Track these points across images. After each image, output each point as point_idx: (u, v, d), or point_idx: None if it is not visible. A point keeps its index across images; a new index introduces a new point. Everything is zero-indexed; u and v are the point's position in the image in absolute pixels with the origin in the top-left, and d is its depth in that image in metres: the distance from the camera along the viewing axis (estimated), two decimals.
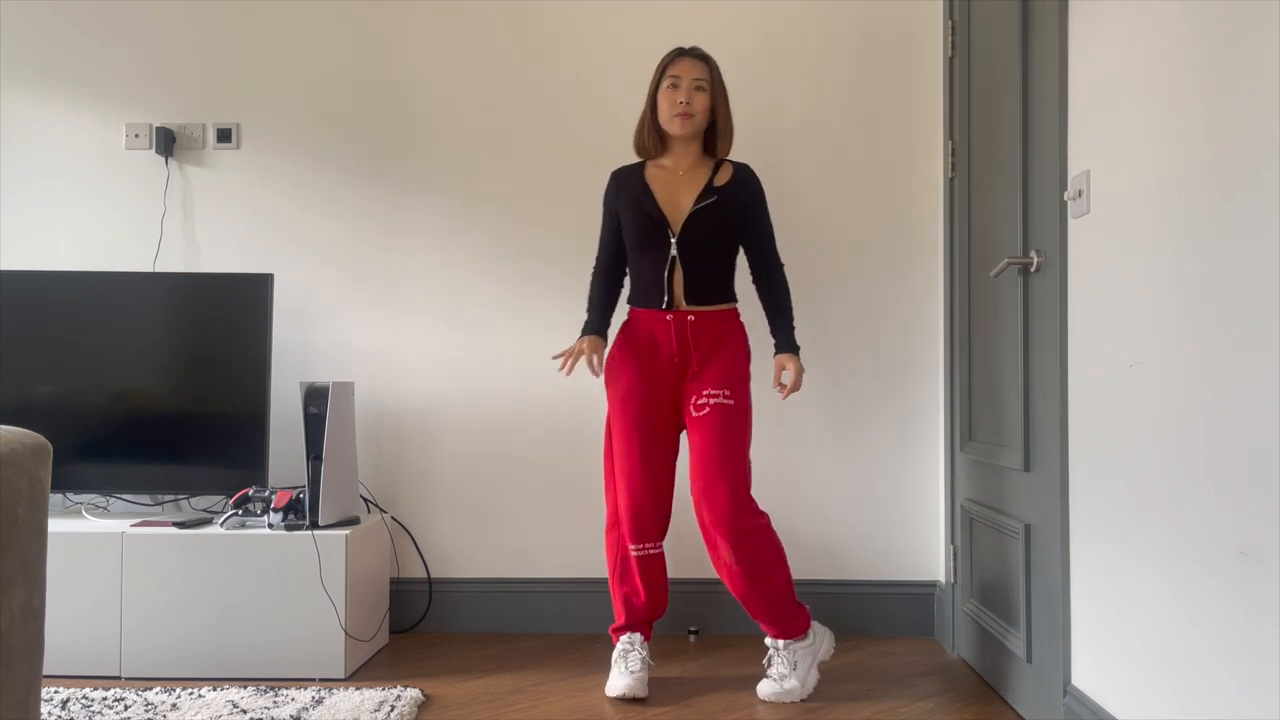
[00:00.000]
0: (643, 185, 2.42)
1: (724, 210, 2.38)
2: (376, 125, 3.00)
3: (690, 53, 2.42)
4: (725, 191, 2.39)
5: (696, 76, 2.38)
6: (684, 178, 2.42)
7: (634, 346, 2.39)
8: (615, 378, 2.41)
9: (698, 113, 2.38)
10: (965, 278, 2.62)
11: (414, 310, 2.98)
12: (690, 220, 2.35)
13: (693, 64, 2.39)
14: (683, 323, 2.35)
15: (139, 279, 2.77)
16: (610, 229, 2.49)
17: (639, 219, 2.38)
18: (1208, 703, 1.43)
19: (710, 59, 2.42)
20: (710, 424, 2.30)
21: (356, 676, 2.49)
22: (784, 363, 2.40)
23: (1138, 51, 1.65)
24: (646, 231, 2.37)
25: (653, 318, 2.38)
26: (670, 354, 2.36)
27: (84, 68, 3.01)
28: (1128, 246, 1.68)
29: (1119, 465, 1.71)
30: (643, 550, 2.37)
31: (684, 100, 2.36)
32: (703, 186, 2.39)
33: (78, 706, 2.19)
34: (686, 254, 2.35)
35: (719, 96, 2.41)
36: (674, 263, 2.35)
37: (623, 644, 2.38)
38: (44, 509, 1.22)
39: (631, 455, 2.35)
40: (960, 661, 2.61)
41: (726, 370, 2.35)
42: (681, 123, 2.37)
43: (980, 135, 2.49)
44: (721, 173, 2.42)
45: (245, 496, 2.57)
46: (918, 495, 2.90)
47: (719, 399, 2.31)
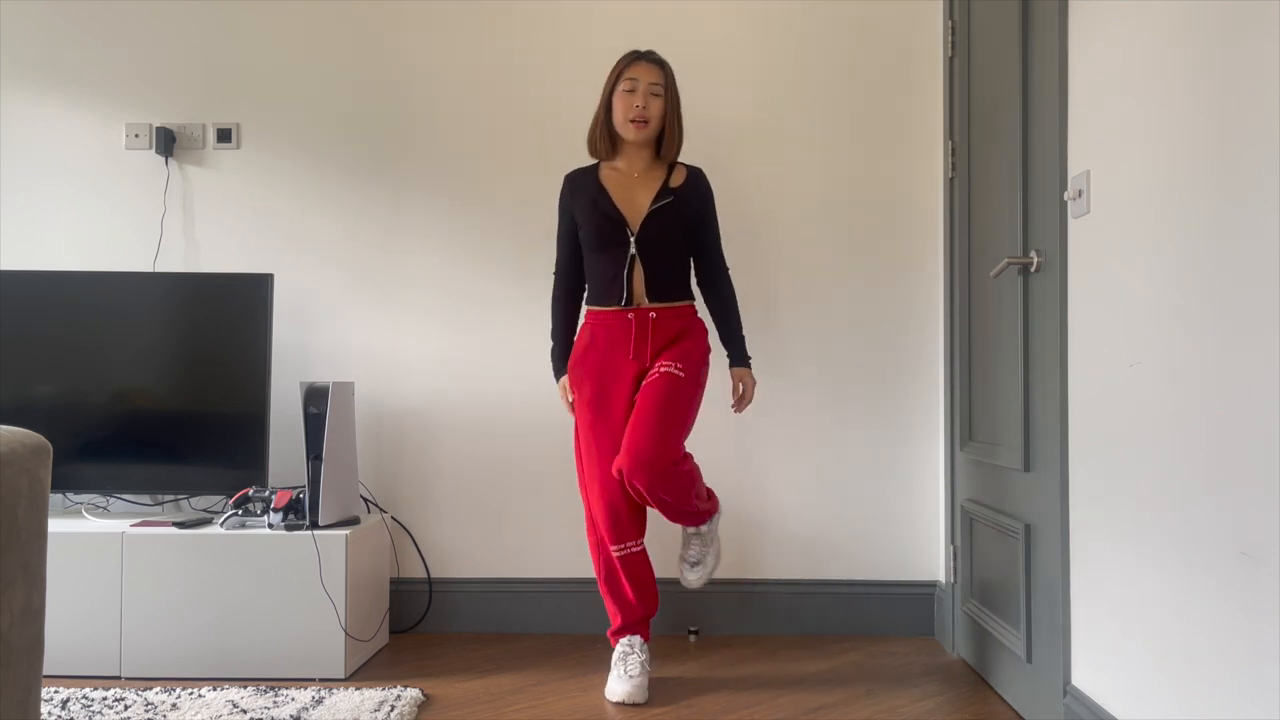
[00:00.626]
0: (598, 186, 2.42)
1: (680, 211, 2.40)
2: (376, 125, 3.00)
3: (647, 56, 2.42)
4: (680, 193, 2.41)
5: (653, 81, 2.38)
6: (639, 180, 2.43)
7: (595, 349, 2.40)
8: (579, 383, 2.41)
9: (653, 119, 2.38)
10: (965, 278, 2.62)
11: (414, 310, 2.98)
12: (648, 219, 2.37)
13: (649, 68, 2.39)
14: (644, 319, 2.37)
15: (139, 279, 2.77)
16: (566, 232, 2.49)
17: (596, 219, 2.39)
18: (1208, 703, 1.43)
19: (666, 64, 2.43)
20: (653, 388, 2.31)
21: (356, 676, 2.49)
22: (740, 376, 2.47)
23: (1138, 51, 1.65)
24: (605, 231, 2.38)
25: (612, 317, 2.39)
26: (630, 350, 2.37)
27: (84, 68, 3.01)
28: (1128, 246, 1.68)
29: (1119, 465, 1.71)
30: (624, 550, 2.37)
31: (640, 105, 2.36)
32: (659, 187, 2.40)
33: (78, 706, 2.19)
34: (645, 252, 2.36)
35: (672, 102, 2.42)
36: (633, 261, 2.36)
37: (622, 647, 2.38)
38: (44, 509, 1.22)
39: (603, 455, 2.35)
40: (960, 661, 2.61)
41: (684, 351, 2.37)
42: (637, 129, 2.38)
43: (980, 135, 2.49)
44: (675, 174, 2.44)
45: (245, 496, 2.57)
46: (918, 495, 2.90)
47: (669, 369, 2.33)
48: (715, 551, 2.54)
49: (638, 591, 2.39)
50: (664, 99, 2.39)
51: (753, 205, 2.93)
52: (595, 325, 2.42)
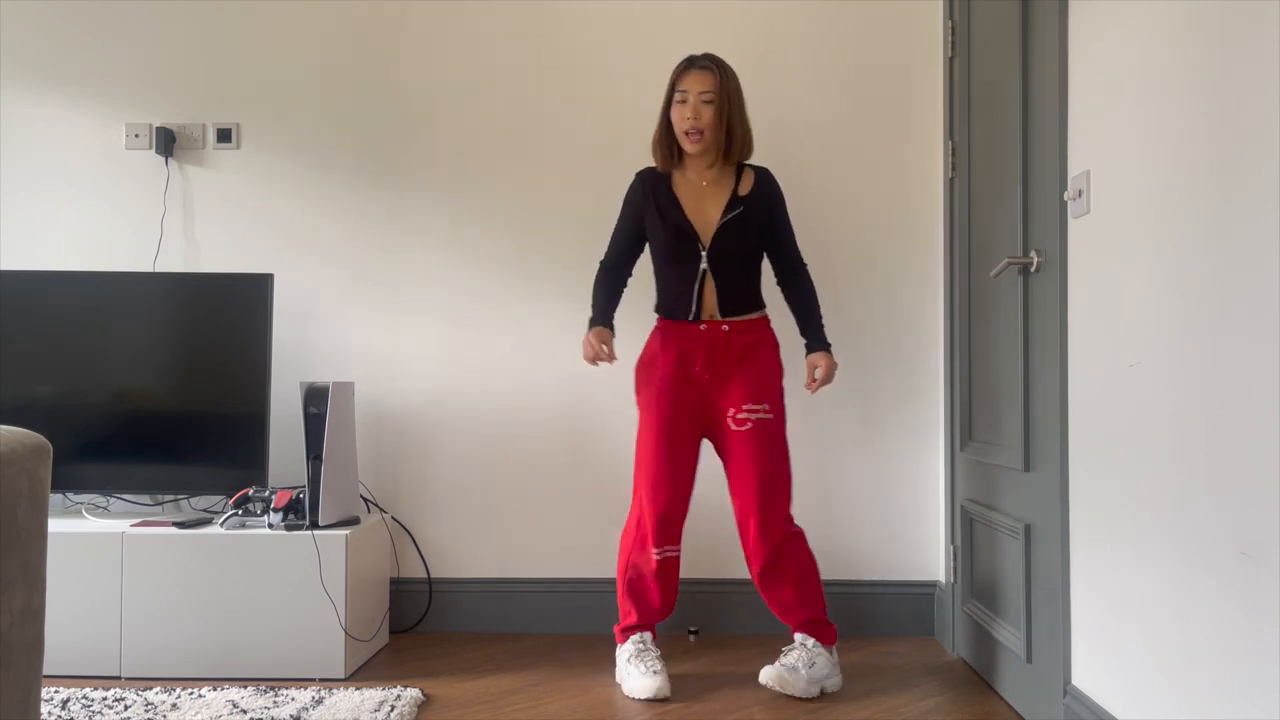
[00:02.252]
0: (671, 195, 2.40)
1: (751, 219, 2.38)
2: (377, 125, 2.99)
3: (697, 64, 2.36)
4: (750, 200, 2.39)
5: (703, 90, 2.33)
6: (709, 188, 2.40)
7: (665, 356, 2.38)
8: (645, 384, 2.41)
9: (707, 128, 2.34)
10: (965, 278, 2.62)
11: (414, 310, 2.98)
12: (719, 233, 2.35)
13: (699, 76, 2.34)
14: (716, 333, 2.36)
15: (139, 279, 2.77)
16: (629, 228, 2.46)
17: (668, 231, 2.37)
18: (1208, 703, 1.43)
19: (719, 67, 2.36)
20: (751, 441, 2.33)
21: (356, 676, 2.49)
22: (817, 360, 2.41)
23: (1137, 51, 1.65)
24: (676, 245, 2.37)
25: (683, 330, 2.38)
26: (699, 364, 2.36)
27: (84, 68, 3.01)
28: (1128, 246, 1.68)
29: (1119, 465, 1.71)
30: (664, 554, 2.38)
31: (690, 117, 2.33)
32: (728, 197, 2.38)
33: (78, 706, 2.19)
34: (717, 266, 2.35)
35: (732, 104, 2.36)
36: (704, 275, 2.35)
37: (634, 644, 2.38)
38: (44, 509, 1.22)
39: (658, 460, 2.36)
40: (960, 661, 2.61)
41: (761, 382, 2.36)
42: (692, 142, 2.35)
43: (980, 135, 2.49)
44: (744, 180, 2.41)
45: (245, 496, 2.57)
46: (918, 495, 2.90)
47: (760, 414, 2.34)
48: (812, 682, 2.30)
49: (663, 595, 2.41)
50: (716, 105, 2.34)
51: None
52: (666, 335, 2.40)
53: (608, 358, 2.37)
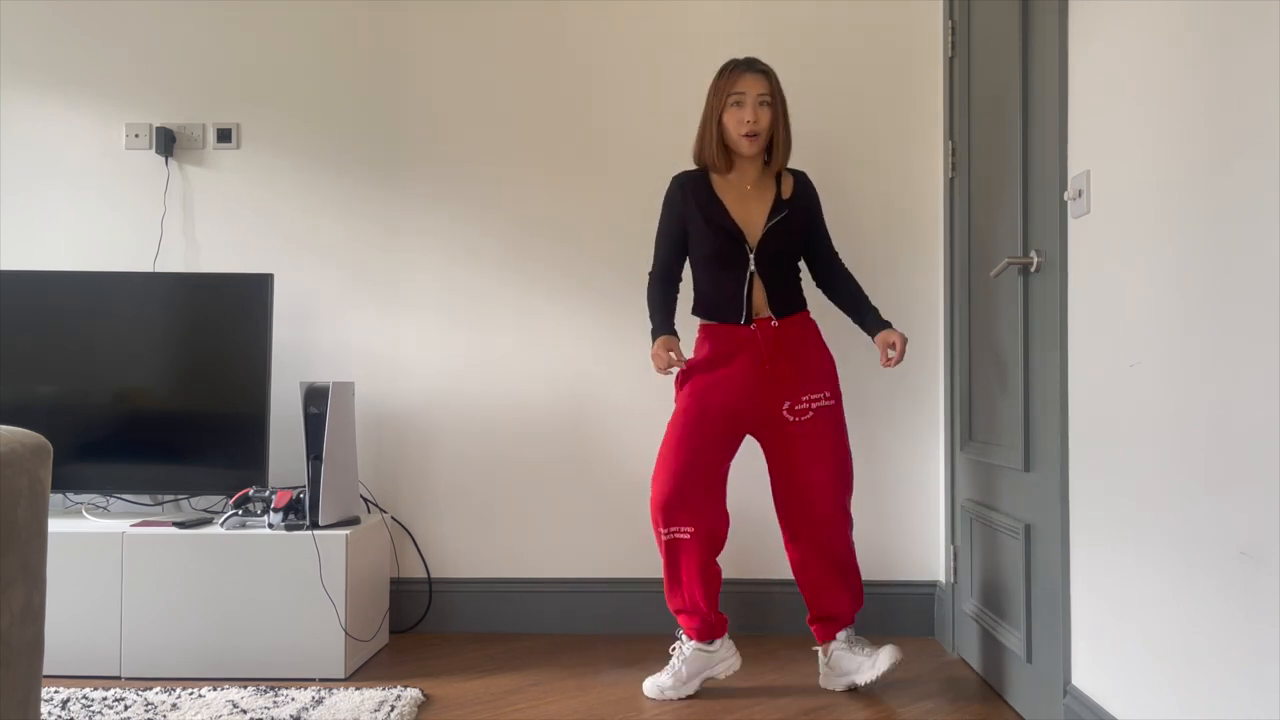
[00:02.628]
0: (714, 198, 2.39)
1: (794, 222, 2.40)
2: (377, 125, 3.00)
3: (751, 66, 2.37)
4: (793, 204, 2.40)
5: (760, 92, 2.34)
6: (752, 191, 2.41)
7: (713, 359, 2.36)
8: (686, 382, 2.38)
9: (763, 130, 2.35)
10: (965, 278, 2.62)
11: (414, 310, 2.98)
12: (766, 236, 2.36)
13: (756, 79, 2.35)
14: (768, 329, 2.36)
15: (139, 279, 2.77)
16: (672, 235, 2.43)
17: (714, 234, 2.36)
18: (1208, 702, 1.43)
19: (771, 71, 2.38)
20: (818, 428, 2.34)
21: (356, 676, 2.49)
22: (889, 338, 2.36)
23: (1138, 51, 1.65)
24: (723, 247, 2.36)
25: (732, 332, 2.37)
26: (754, 364, 2.35)
27: (84, 68, 3.01)
28: (1128, 246, 1.68)
29: (1119, 465, 1.71)
30: (671, 534, 2.30)
31: (750, 119, 2.33)
32: (773, 200, 2.39)
33: (78, 706, 2.19)
34: (764, 268, 2.36)
35: (781, 109, 2.38)
36: (752, 278, 2.36)
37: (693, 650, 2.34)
38: (44, 509, 1.22)
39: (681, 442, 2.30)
40: (960, 661, 2.61)
41: (817, 371, 2.38)
42: (750, 143, 2.35)
43: (980, 135, 2.49)
44: (785, 184, 2.43)
45: (245, 496, 2.57)
46: (918, 495, 2.90)
47: (820, 401, 2.36)
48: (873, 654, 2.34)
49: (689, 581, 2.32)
50: (773, 107, 2.36)
51: None
52: (714, 340, 2.38)
53: (679, 363, 2.33)
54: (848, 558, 2.39)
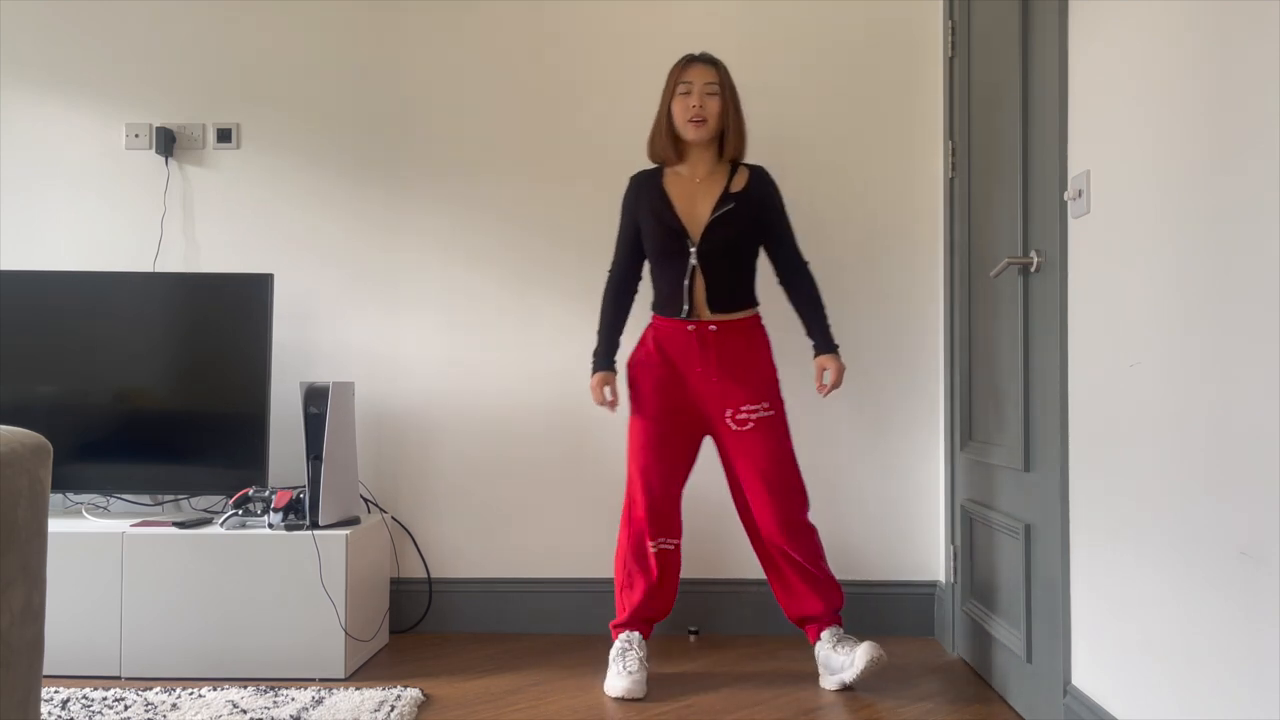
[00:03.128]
0: (661, 194, 2.42)
1: (742, 216, 2.39)
2: (377, 125, 3.00)
3: (700, 58, 2.43)
4: (743, 196, 2.40)
5: (708, 81, 2.39)
6: (701, 185, 2.42)
7: (658, 354, 2.41)
8: (636, 381, 2.44)
9: (711, 117, 2.39)
10: (965, 278, 2.62)
11: (414, 310, 2.98)
12: (709, 229, 2.36)
13: (703, 69, 2.40)
14: (704, 333, 2.37)
15: (139, 279, 2.76)
16: (627, 233, 2.49)
17: (657, 229, 2.39)
18: (1208, 702, 1.43)
19: (720, 63, 2.44)
20: (757, 440, 2.35)
21: (356, 676, 2.49)
22: (825, 364, 2.43)
23: (1138, 51, 1.65)
24: (665, 242, 2.39)
25: (674, 327, 2.40)
26: (691, 363, 2.38)
27: (84, 67, 3.01)
28: (1128, 246, 1.68)
29: (1119, 465, 1.71)
30: (660, 545, 2.41)
31: (696, 105, 2.37)
32: (720, 193, 2.40)
33: (78, 706, 2.19)
34: (706, 263, 2.37)
35: (730, 100, 2.42)
36: (694, 271, 2.37)
37: (620, 642, 2.39)
38: (44, 509, 1.22)
39: (647, 450, 2.39)
40: (960, 661, 2.61)
41: (758, 381, 2.38)
42: (695, 129, 2.38)
43: (980, 135, 2.49)
44: (738, 177, 2.43)
45: (245, 496, 2.57)
46: (918, 495, 2.90)
47: (760, 412, 2.36)
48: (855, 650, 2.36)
49: (662, 589, 2.42)
50: (720, 97, 2.39)
51: None
52: (659, 333, 2.43)
53: (610, 406, 2.44)
54: (811, 562, 2.41)
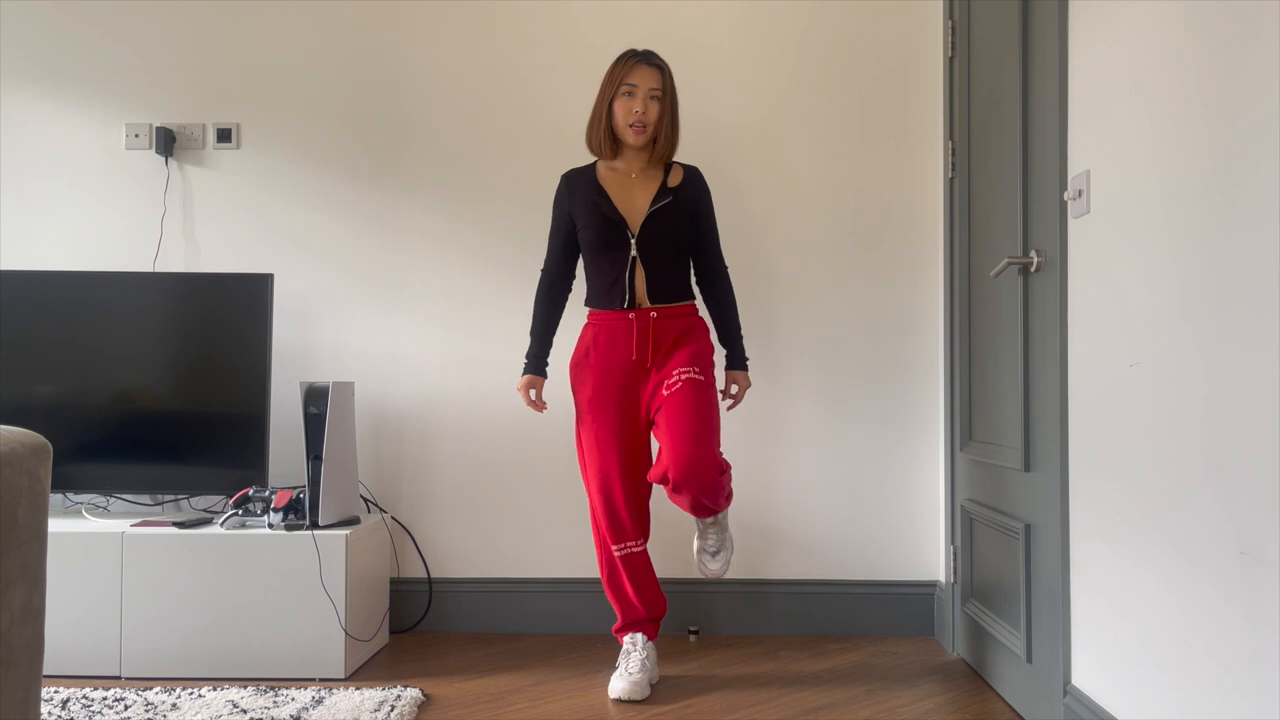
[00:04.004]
0: (597, 187, 2.43)
1: (679, 211, 2.40)
2: (376, 125, 3.00)
3: (645, 59, 2.41)
4: (679, 193, 2.41)
5: (652, 86, 2.38)
6: (637, 180, 2.44)
7: (598, 350, 2.41)
8: (580, 382, 2.43)
9: (652, 123, 2.39)
10: (965, 278, 2.62)
11: (414, 310, 2.98)
12: (648, 221, 2.37)
13: (648, 73, 2.38)
14: (645, 320, 2.38)
15: (139, 279, 2.77)
16: (561, 231, 2.49)
17: (596, 221, 2.39)
18: (1207, 703, 1.43)
19: (665, 66, 2.42)
20: (681, 395, 2.31)
21: (356, 676, 2.49)
22: (734, 379, 2.50)
23: (1138, 51, 1.65)
24: (605, 234, 2.39)
25: (614, 319, 2.40)
26: (632, 352, 2.38)
27: (85, 67, 3.01)
28: (1127, 246, 1.68)
29: (1119, 465, 1.71)
30: (624, 549, 2.40)
31: (639, 110, 2.37)
32: (657, 188, 2.41)
33: (78, 706, 2.19)
34: (646, 254, 2.37)
35: (674, 102, 2.42)
36: (634, 263, 2.37)
37: (625, 644, 2.40)
38: (44, 509, 1.22)
39: (604, 455, 2.38)
40: (960, 661, 2.62)
41: (694, 353, 2.38)
42: (636, 134, 2.39)
43: (980, 135, 2.49)
44: (673, 174, 2.44)
45: (245, 496, 2.57)
46: (918, 495, 2.90)
47: (689, 374, 2.34)
48: (729, 537, 2.54)
49: (639, 591, 2.41)
50: (662, 102, 2.39)
51: (752, 206, 2.93)
52: (597, 327, 2.43)
53: (537, 408, 2.47)
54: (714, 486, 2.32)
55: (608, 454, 2.37)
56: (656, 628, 2.45)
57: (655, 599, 2.43)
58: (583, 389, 2.42)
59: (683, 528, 2.73)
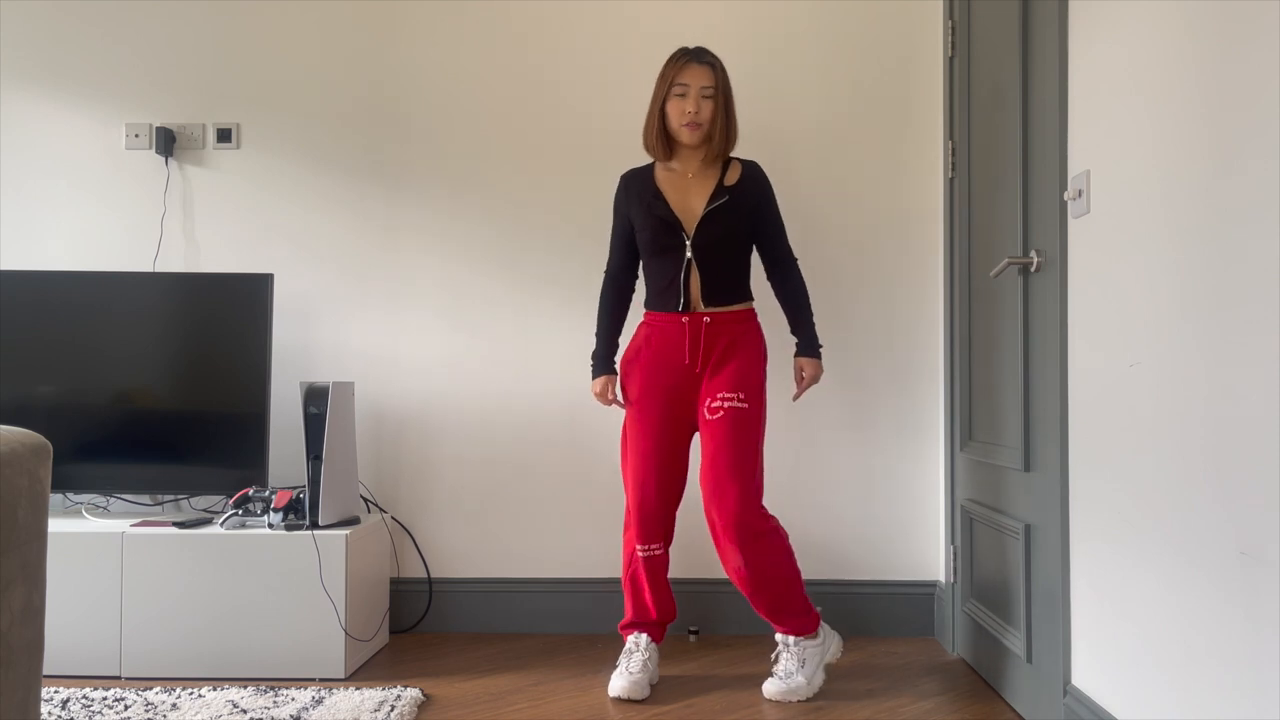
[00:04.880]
0: (653, 189, 2.42)
1: (736, 210, 2.39)
2: (376, 125, 3.00)
3: (696, 58, 2.39)
4: (736, 190, 2.40)
5: (704, 85, 2.36)
6: (694, 180, 2.42)
7: (649, 350, 2.41)
8: (629, 381, 2.43)
9: (705, 122, 2.37)
10: (965, 278, 2.62)
11: (414, 310, 2.98)
12: (703, 222, 2.36)
13: (700, 71, 2.37)
14: (698, 325, 2.37)
15: (139, 279, 2.77)
16: (621, 232, 2.49)
17: (652, 223, 2.39)
18: (1207, 703, 1.43)
19: (716, 63, 2.40)
20: (722, 427, 2.31)
21: (356, 676, 2.49)
22: (802, 365, 2.46)
23: (1138, 51, 1.65)
24: (660, 235, 2.38)
25: (668, 321, 2.39)
26: (684, 355, 2.37)
27: (85, 67, 3.01)
28: (1127, 246, 1.68)
29: (1119, 465, 1.71)
30: (647, 550, 2.39)
31: (692, 110, 2.35)
32: (713, 187, 2.39)
33: (78, 706, 2.19)
34: (701, 256, 2.36)
35: (728, 99, 2.40)
36: (689, 265, 2.36)
37: (628, 643, 2.40)
38: (44, 509, 1.22)
39: (643, 456, 2.38)
40: (960, 661, 2.61)
41: (741, 373, 2.36)
42: (690, 132, 2.37)
43: (980, 135, 2.49)
44: (730, 172, 2.43)
45: (245, 496, 2.57)
46: (918, 495, 2.90)
47: (733, 402, 2.33)
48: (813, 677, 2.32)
49: (653, 594, 2.41)
50: (715, 99, 2.37)
51: None
52: (650, 328, 2.43)
53: (618, 404, 2.47)
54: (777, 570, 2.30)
55: (645, 454, 2.37)
56: (662, 632, 2.45)
57: (667, 605, 2.44)
58: (630, 387, 2.42)
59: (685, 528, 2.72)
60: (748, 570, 2.27)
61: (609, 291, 2.52)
